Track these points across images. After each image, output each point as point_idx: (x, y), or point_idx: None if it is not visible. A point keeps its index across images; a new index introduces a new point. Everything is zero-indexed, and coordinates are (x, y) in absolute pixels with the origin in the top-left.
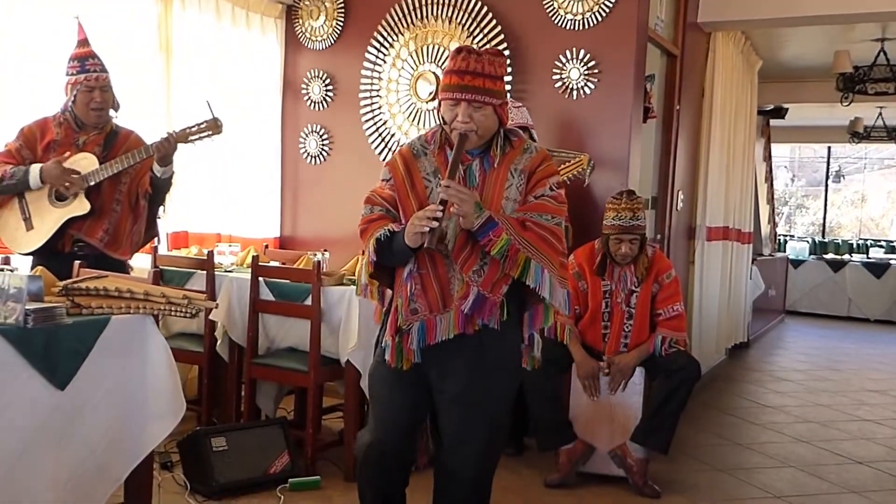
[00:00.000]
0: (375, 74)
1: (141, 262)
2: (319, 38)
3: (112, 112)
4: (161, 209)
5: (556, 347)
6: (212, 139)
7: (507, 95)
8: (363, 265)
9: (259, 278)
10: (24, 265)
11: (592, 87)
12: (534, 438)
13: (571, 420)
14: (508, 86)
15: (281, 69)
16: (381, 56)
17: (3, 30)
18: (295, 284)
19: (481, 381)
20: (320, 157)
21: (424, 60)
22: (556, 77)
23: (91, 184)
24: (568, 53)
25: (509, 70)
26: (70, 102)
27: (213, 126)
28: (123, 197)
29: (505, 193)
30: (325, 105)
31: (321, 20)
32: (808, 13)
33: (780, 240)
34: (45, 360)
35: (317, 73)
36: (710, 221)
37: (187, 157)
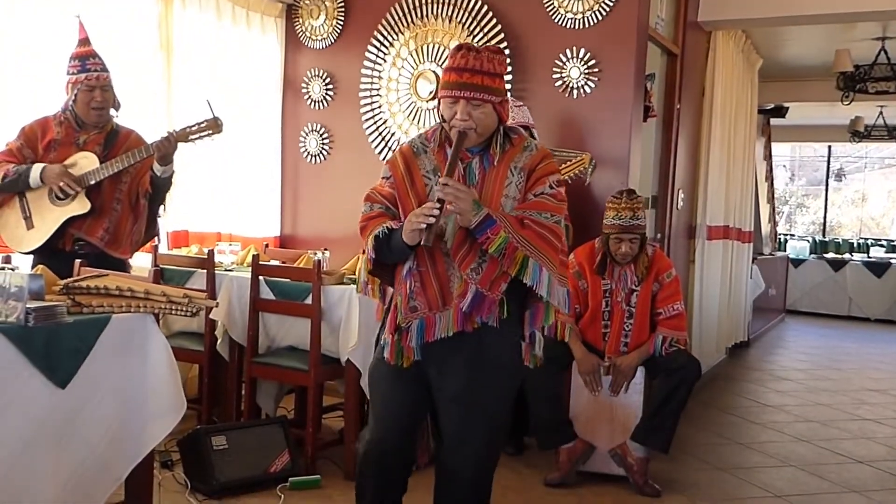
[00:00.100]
0: (375, 73)
1: (141, 261)
2: (319, 37)
3: (113, 111)
4: (161, 208)
5: (556, 346)
6: (212, 138)
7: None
8: (363, 262)
9: (259, 277)
10: (24, 264)
11: (593, 86)
12: (534, 437)
13: (572, 419)
14: (509, 85)
15: (281, 68)
16: (381, 55)
17: (3, 30)
18: (295, 283)
19: (481, 380)
20: (320, 156)
21: (424, 59)
22: (556, 76)
23: (91, 183)
24: (568, 52)
25: (509, 69)
26: (71, 101)
27: (213, 125)
28: (124, 196)
29: (504, 191)
30: (326, 104)
31: (321, 19)
32: (808, 12)
33: (780, 239)
34: (45, 358)
35: (317, 72)
36: (710, 220)
37: (187, 156)
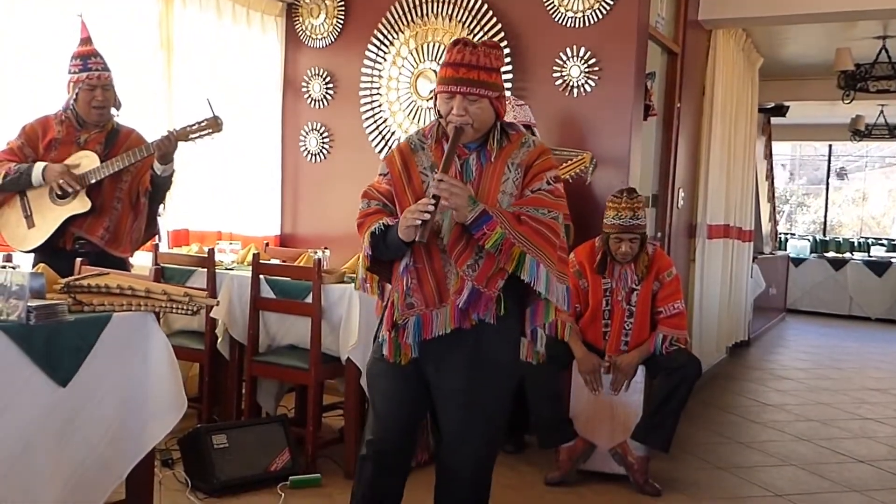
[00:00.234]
0: (376, 72)
1: (142, 260)
2: (320, 36)
3: (113, 110)
4: (161, 207)
5: (556, 345)
6: (212, 137)
7: (509, 93)
8: (360, 259)
9: (260, 276)
10: (25, 263)
11: (593, 84)
12: (534, 436)
13: (572, 418)
14: (509, 84)
15: (281, 67)
16: (381, 54)
17: (3, 30)
18: (295, 282)
19: (479, 379)
20: (321, 155)
21: (425, 58)
22: (556, 75)
23: (92, 182)
24: (568, 51)
25: (509, 68)
26: (72, 100)
27: (213, 124)
28: (124, 195)
29: (501, 187)
30: (326, 103)
31: (321, 18)
32: (809, 10)
33: (780, 238)
34: (47, 357)
35: (317, 71)
36: (710, 219)
37: (188, 155)
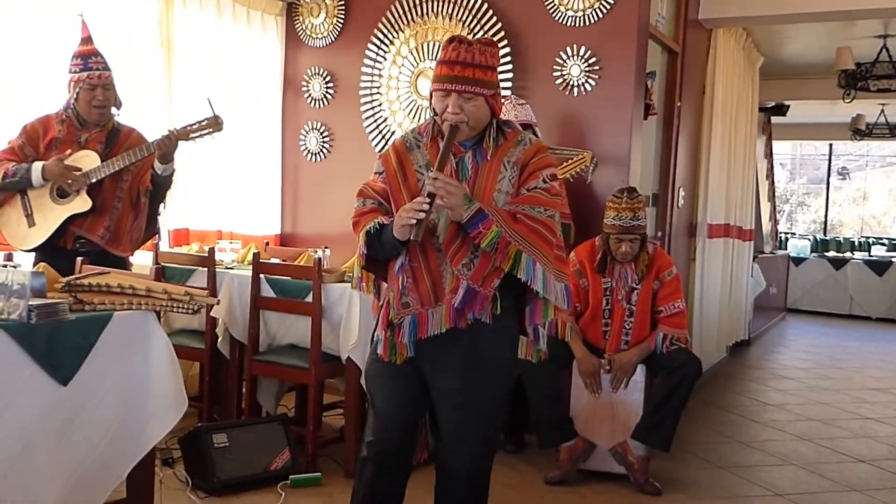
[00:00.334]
0: (376, 72)
1: (142, 259)
2: (320, 36)
3: (114, 110)
4: (162, 206)
5: (556, 344)
6: (212, 137)
7: (510, 91)
8: (356, 258)
9: (260, 275)
10: (26, 262)
11: (593, 83)
12: (534, 435)
13: (572, 417)
14: (509, 83)
15: (281, 66)
16: (381, 53)
17: (3, 30)
18: (296, 281)
19: (475, 378)
20: (321, 154)
21: (425, 57)
22: (556, 74)
23: (93, 181)
24: (569, 50)
25: (510, 67)
26: (72, 100)
27: (213, 123)
28: (125, 194)
29: (497, 186)
30: (326, 102)
31: (321, 17)
32: (809, 9)
33: (781, 237)
34: (48, 355)
35: (317, 71)
36: (711, 219)
37: (188, 154)
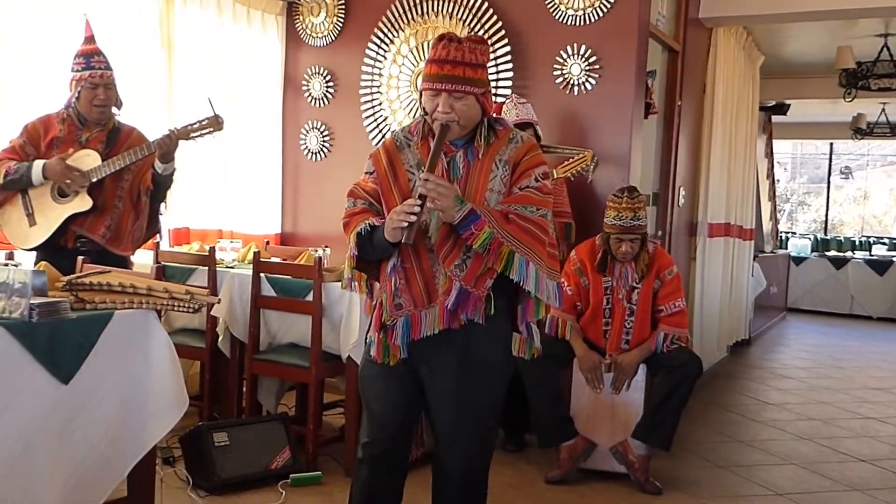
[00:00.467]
0: (376, 71)
1: (142, 259)
2: (320, 35)
3: (115, 109)
4: (162, 205)
5: (557, 343)
6: (213, 136)
7: (510, 90)
8: (346, 259)
9: (260, 274)
10: (27, 261)
11: (593, 82)
12: (535, 435)
13: (572, 416)
14: (509, 82)
15: (282, 66)
16: (381, 52)
17: (3, 30)
18: (296, 280)
19: (469, 379)
20: (321, 153)
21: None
22: (556, 73)
23: (93, 180)
24: (569, 49)
25: (510, 66)
26: (74, 99)
27: (214, 123)
28: (125, 193)
29: (489, 185)
30: (326, 101)
31: (322, 17)
32: (810, 8)
33: (781, 237)
34: (49, 354)
35: (317, 70)
36: (711, 218)
37: (189, 153)
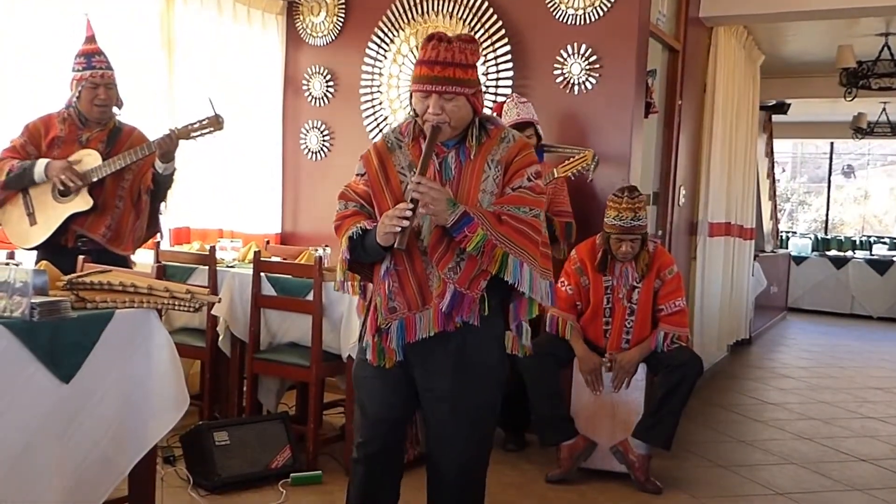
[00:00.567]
0: (376, 70)
1: (143, 258)
2: (320, 35)
3: (115, 109)
4: (163, 205)
5: (557, 342)
6: (213, 135)
7: (510, 90)
8: (338, 262)
9: (261, 273)
10: (28, 260)
11: (594, 82)
12: (535, 434)
13: (573, 415)
14: (510, 81)
15: (282, 65)
16: (381, 52)
17: (3, 30)
18: (296, 280)
19: (465, 382)
20: (321, 152)
21: None
22: (557, 72)
23: (94, 180)
24: (569, 48)
25: (510, 65)
26: (75, 98)
27: (214, 122)
28: (126, 193)
29: (482, 186)
30: (326, 101)
31: (322, 16)
32: (811, 7)
33: (782, 236)
34: (50, 353)
35: (317, 69)
36: (711, 217)
37: (189, 153)
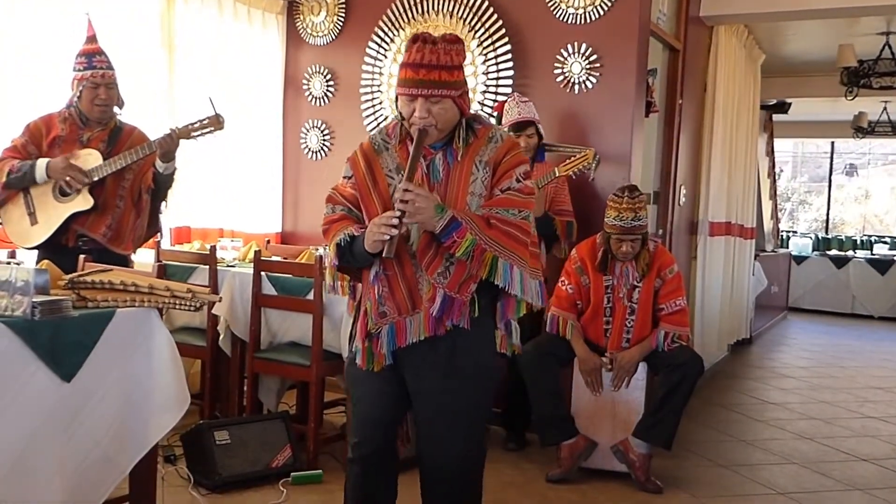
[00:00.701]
0: (376, 69)
1: (144, 258)
2: (320, 34)
3: (116, 108)
4: (163, 204)
5: (557, 342)
6: (214, 135)
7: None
8: (327, 267)
9: (261, 273)
10: (29, 259)
11: (594, 81)
12: (536, 433)
13: (573, 415)
14: (510, 80)
15: (282, 65)
16: (381, 51)
17: (3, 30)
18: (297, 279)
19: (456, 384)
20: (321, 152)
21: None
22: (557, 71)
23: (95, 179)
24: (570, 47)
25: (511, 65)
26: (75, 98)
27: (215, 122)
28: (126, 192)
29: (470, 188)
30: (326, 100)
31: (322, 16)
32: (811, 6)
33: (782, 236)
34: (51, 352)
35: (318, 69)
36: (712, 216)
37: (190, 152)
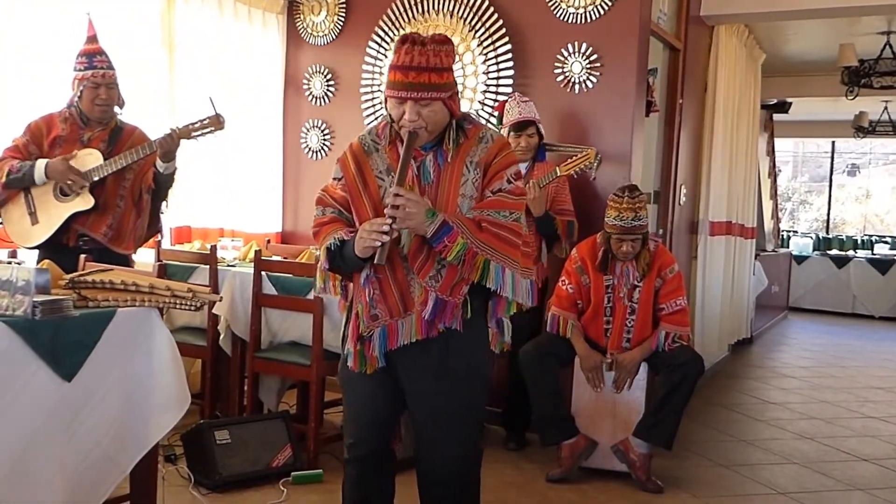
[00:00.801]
0: (377, 69)
1: (144, 257)
2: (320, 34)
3: (117, 108)
4: (164, 204)
5: (557, 341)
6: (214, 135)
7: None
8: (317, 270)
9: (262, 273)
10: (30, 259)
11: (595, 80)
12: (536, 433)
13: (573, 414)
14: (511, 80)
15: (282, 64)
16: (382, 51)
17: (3, 30)
18: (297, 279)
19: (450, 386)
20: (321, 151)
21: None
22: (557, 71)
23: (95, 179)
24: (570, 47)
25: (511, 64)
26: (76, 98)
27: (215, 122)
28: (127, 192)
29: (461, 190)
30: (327, 100)
31: (322, 15)
32: (812, 6)
33: (783, 235)
34: (52, 352)
35: (318, 69)
36: (712, 216)
37: (190, 152)
